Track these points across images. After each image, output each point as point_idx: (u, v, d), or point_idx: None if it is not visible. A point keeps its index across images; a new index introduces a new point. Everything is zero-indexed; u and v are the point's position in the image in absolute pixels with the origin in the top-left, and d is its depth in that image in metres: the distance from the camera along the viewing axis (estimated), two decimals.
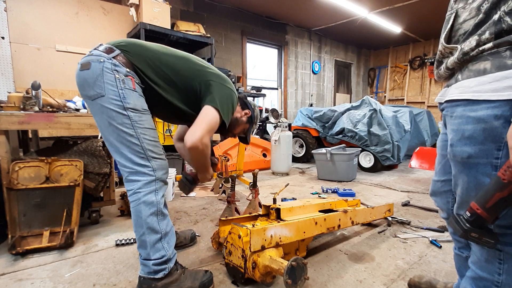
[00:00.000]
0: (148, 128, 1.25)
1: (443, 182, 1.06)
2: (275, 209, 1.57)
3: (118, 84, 1.17)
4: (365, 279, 1.45)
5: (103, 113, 1.18)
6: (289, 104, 6.89)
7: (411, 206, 2.61)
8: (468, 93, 0.77)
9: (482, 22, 0.75)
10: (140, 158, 1.21)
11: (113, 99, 1.16)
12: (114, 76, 1.16)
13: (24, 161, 1.71)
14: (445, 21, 0.89)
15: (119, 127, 1.18)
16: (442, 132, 1.05)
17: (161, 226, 1.26)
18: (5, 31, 3.35)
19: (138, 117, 1.21)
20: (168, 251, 1.26)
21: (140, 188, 1.22)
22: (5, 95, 3.14)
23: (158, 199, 1.24)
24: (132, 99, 1.19)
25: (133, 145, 1.20)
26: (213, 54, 4.38)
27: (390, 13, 5.79)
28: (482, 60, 0.75)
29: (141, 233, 1.23)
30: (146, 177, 1.22)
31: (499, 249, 0.80)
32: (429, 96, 7.85)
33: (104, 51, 1.20)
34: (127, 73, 1.20)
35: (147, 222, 1.22)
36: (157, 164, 1.25)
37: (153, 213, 1.23)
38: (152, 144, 1.25)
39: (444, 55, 0.89)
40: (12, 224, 1.67)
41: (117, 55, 1.20)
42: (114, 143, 1.21)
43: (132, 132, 1.19)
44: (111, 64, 1.17)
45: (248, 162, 4.10)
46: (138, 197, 1.22)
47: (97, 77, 1.16)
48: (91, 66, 1.17)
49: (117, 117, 1.17)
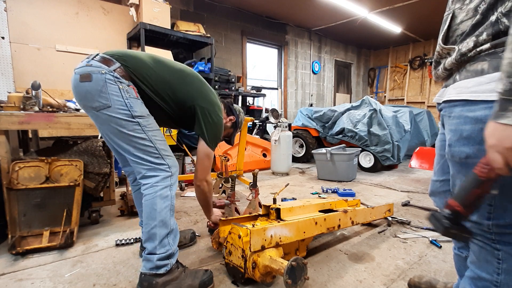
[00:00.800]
0: (156, 130, 1.33)
1: (442, 182, 1.06)
2: (275, 209, 1.57)
3: (123, 94, 1.22)
4: (365, 279, 1.45)
5: (111, 122, 1.23)
6: (289, 104, 6.89)
7: (411, 206, 2.61)
8: (466, 93, 0.77)
9: (480, 23, 0.75)
10: (156, 158, 1.30)
11: (121, 109, 1.21)
12: (118, 87, 1.21)
13: (24, 161, 1.71)
14: (443, 22, 0.89)
15: (130, 133, 1.24)
16: (440, 132, 1.05)
17: (172, 221, 1.31)
18: (5, 31, 3.35)
19: (146, 122, 1.28)
20: (173, 247, 1.30)
21: (158, 182, 1.29)
22: (5, 95, 3.14)
23: (172, 194, 1.32)
24: (138, 107, 1.26)
25: (147, 148, 1.28)
26: (213, 54, 4.38)
27: (390, 13, 5.79)
28: (480, 61, 0.75)
29: (153, 226, 1.26)
30: (163, 173, 1.31)
31: (498, 249, 0.80)
32: (429, 96, 7.85)
33: (104, 63, 1.23)
34: (128, 84, 1.26)
35: (161, 214, 1.27)
36: (171, 161, 1.34)
37: (167, 206, 1.29)
38: (163, 144, 1.34)
39: (442, 55, 0.89)
40: (12, 224, 1.67)
41: (117, 68, 1.24)
42: (127, 148, 1.28)
43: (144, 136, 1.27)
44: (112, 76, 1.21)
45: (248, 162, 4.10)
46: (155, 190, 1.27)
47: (101, 88, 1.19)
48: (93, 78, 1.20)
49: (127, 125, 1.24)
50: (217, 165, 3.80)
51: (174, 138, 3.47)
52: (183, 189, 3.14)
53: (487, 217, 0.79)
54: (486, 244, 0.82)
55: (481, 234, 0.82)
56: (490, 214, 0.79)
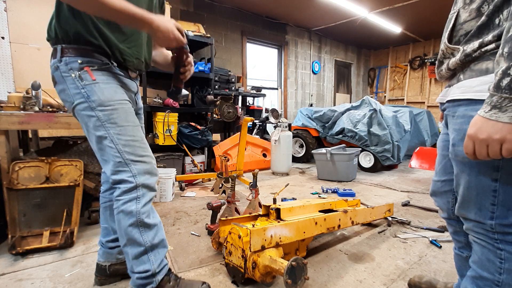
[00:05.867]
0: (124, 125, 1.08)
1: (443, 182, 1.06)
2: (275, 209, 1.57)
3: (77, 83, 1.03)
4: (365, 279, 1.45)
5: (82, 122, 1.08)
6: (289, 104, 6.89)
7: (411, 206, 2.61)
8: (470, 92, 0.77)
9: (485, 25, 0.75)
10: (117, 163, 1.07)
11: (81, 102, 1.04)
12: (71, 76, 1.03)
13: (24, 161, 1.71)
14: (447, 21, 0.89)
15: (92, 131, 1.06)
16: (442, 133, 1.05)
17: (146, 238, 1.12)
18: (5, 31, 3.35)
19: (108, 114, 1.05)
20: (154, 265, 1.14)
21: (119, 196, 1.09)
22: (5, 95, 3.13)
23: (138, 208, 1.09)
24: (97, 94, 1.04)
25: (108, 149, 1.06)
26: (213, 54, 4.38)
27: (390, 13, 5.79)
28: (485, 60, 0.75)
29: (123, 244, 1.13)
30: (125, 184, 1.08)
31: (501, 248, 0.80)
32: (429, 96, 7.85)
33: (52, 56, 1.07)
34: (80, 64, 1.03)
35: (127, 233, 1.10)
36: (137, 168, 1.09)
37: (133, 224, 1.09)
38: (130, 145, 1.08)
39: (446, 55, 0.89)
40: (12, 224, 1.67)
41: (61, 50, 1.04)
42: (97, 151, 1.10)
43: (104, 134, 1.05)
44: (64, 65, 1.03)
45: (248, 162, 4.10)
46: (117, 205, 1.10)
47: (63, 85, 1.05)
48: (55, 78, 1.07)
49: (89, 121, 1.06)
50: (217, 165, 3.80)
51: (174, 138, 3.47)
52: (183, 189, 3.14)
53: (490, 216, 0.79)
54: (488, 243, 0.82)
55: (484, 234, 0.82)
56: (493, 214, 0.79)
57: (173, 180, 2.79)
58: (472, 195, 0.82)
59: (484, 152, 0.68)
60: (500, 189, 0.76)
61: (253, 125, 5.17)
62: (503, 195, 0.76)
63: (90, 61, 1.05)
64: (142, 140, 1.14)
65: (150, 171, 1.14)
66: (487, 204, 0.79)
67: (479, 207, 0.81)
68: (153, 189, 1.15)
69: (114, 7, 0.92)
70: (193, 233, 1.98)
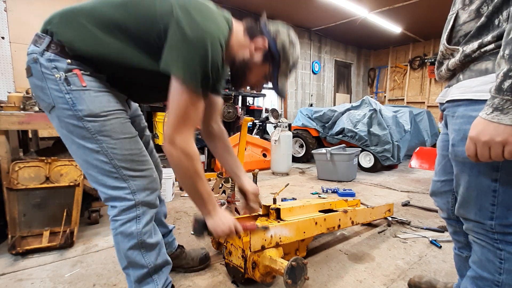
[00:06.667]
0: (119, 138, 0.94)
1: (443, 182, 1.06)
2: (275, 209, 1.57)
3: (62, 86, 0.87)
4: (365, 279, 1.45)
5: (63, 128, 0.93)
6: (289, 104, 6.89)
7: (411, 206, 2.61)
8: (470, 93, 0.77)
9: (484, 25, 0.75)
10: (114, 179, 0.95)
11: (64, 108, 0.89)
12: (54, 76, 0.87)
13: (24, 161, 1.71)
14: (447, 22, 0.89)
15: (81, 143, 0.92)
16: (442, 133, 1.05)
17: (148, 260, 1.03)
18: (5, 31, 3.36)
19: (100, 126, 0.91)
20: (158, 286, 1.07)
21: (117, 216, 0.99)
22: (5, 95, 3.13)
23: (139, 228, 1.00)
24: (85, 103, 0.89)
25: (101, 164, 0.93)
26: None
27: (390, 13, 5.79)
28: (484, 60, 0.75)
29: (124, 266, 1.04)
30: (123, 202, 0.98)
31: (500, 249, 0.80)
32: (429, 96, 7.86)
33: (35, 43, 0.90)
34: (69, 65, 0.88)
35: (128, 256, 1.01)
36: (136, 184, 0.98)
37: (134, 246, 1.00)
38: (127, 159, 0.96)
39: (445, 56, 0.89)
40: (12, 224, 1.67)
41: (49, 43, 0.88)
42: (82, 163, 0.96)
43: (96, 147, 0.92)
44: (46, 60, 0.88)
45: (248, 162, 4.10)
46: (114, 225, 1.00)
47: (42, 83, 0.89)
48: (32, 70, 0.90)
49: (75, 131, 0.91)
50: (217, 165, 3.80)
51: None
52: (183, 189, 3.14)
53: (490, 217, 0.79)
54: (488, 243, 0.82)
55: (484, 234, 0.83)
56: (492, 214, 0.79)
57: (173, 180, 2.79)
58: (472, 195, 0.82)
59: (486, 154, 0.68)
60: (500, 189, 0.76)
61: (253, 125, 5.17)
62: (503, 195, 0.76)
63: (82, 65, 0.91)
64: (141, 153, 1.01)
65: (151, 187, 1.03)
66: (487, 204, 0.79)
67: (479, 207, 0.81)
68: (154, 205, 1.05)
69: (199, 190, 0.97)
70: (193, 233, 1.98)
